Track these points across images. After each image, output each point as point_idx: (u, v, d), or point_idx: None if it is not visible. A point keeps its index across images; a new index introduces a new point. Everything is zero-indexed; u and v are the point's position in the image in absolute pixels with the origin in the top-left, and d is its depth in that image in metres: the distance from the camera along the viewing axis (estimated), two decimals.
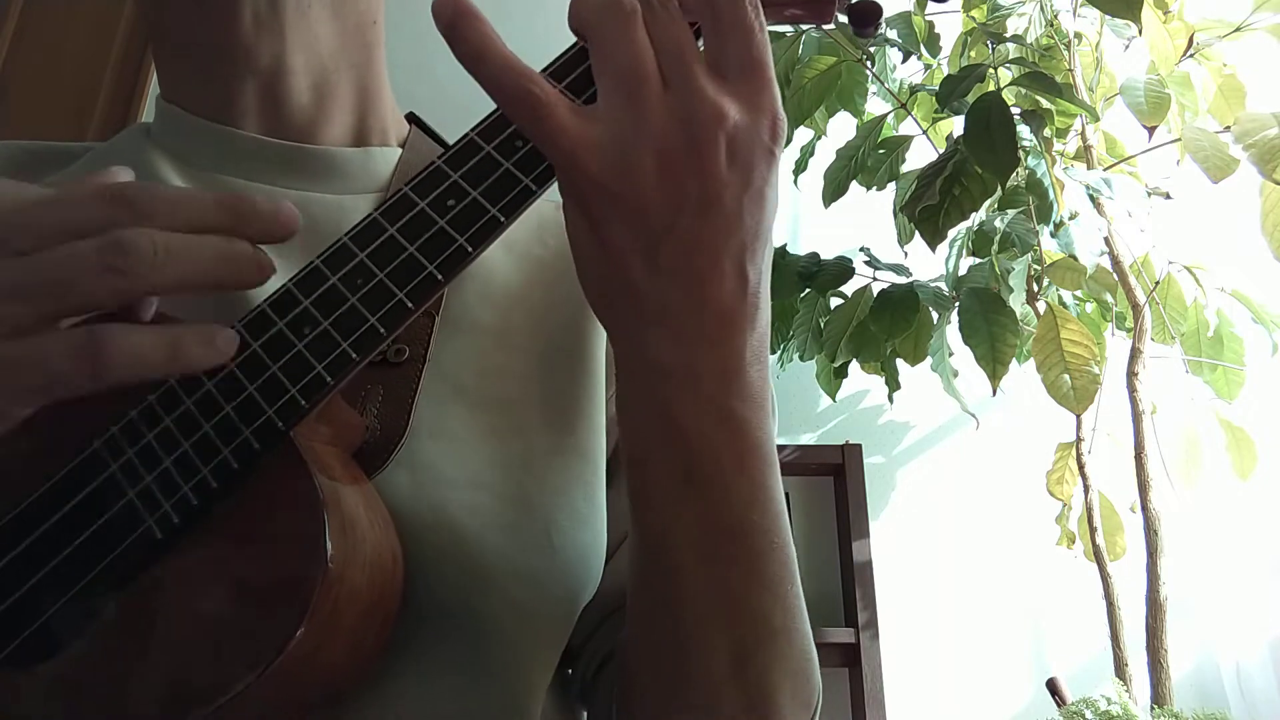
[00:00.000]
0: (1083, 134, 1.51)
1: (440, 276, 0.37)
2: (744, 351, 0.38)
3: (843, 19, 0.45)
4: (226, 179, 0.52)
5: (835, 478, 1.85)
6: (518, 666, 0.44)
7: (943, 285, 1.51)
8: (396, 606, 0.39)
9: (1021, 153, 1.23)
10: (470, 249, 0.37)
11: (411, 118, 0.63)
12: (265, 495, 0.35)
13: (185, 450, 0.36)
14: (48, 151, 0.58)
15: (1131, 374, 1.37)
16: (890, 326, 1.44)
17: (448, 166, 0.39)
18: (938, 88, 1.30)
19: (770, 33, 0.47)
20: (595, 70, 0.37)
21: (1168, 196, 1.43)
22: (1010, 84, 1.32)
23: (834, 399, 1.72)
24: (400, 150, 0.58)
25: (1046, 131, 1.35)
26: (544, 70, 0.41)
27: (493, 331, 0.52)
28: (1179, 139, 1.37)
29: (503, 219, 0.38)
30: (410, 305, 0.37)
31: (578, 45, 0.40)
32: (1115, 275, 1.43)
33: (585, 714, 0.55)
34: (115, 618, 0.34)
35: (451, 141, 0.62)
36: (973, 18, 1.46)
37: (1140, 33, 1.27)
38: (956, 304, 1.42)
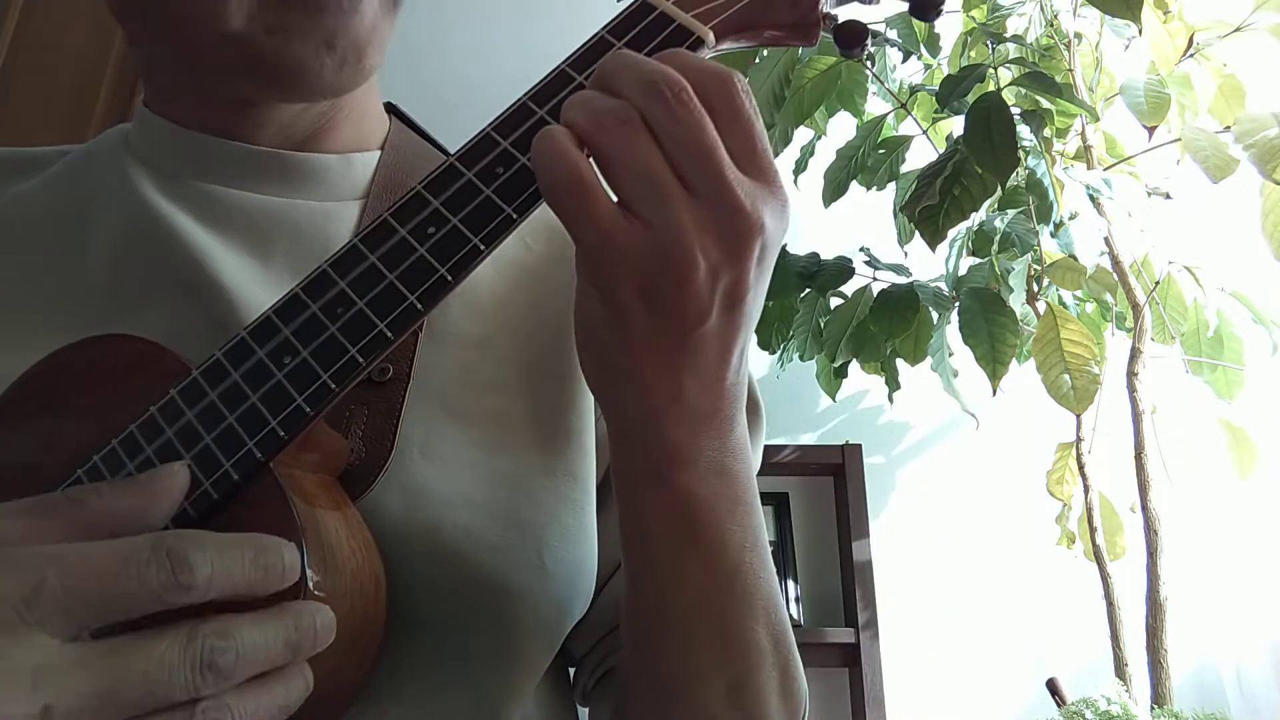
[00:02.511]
0: (1083, 134, 1.51)
1: (420, 307, 0.36)
2: (736, 418, 0.40)
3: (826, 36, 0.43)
4: (207, 186, 0.51)
5: (835, 478, 1.85)
6: (502, 680, 0.45)
7: (943, 285, 1.51)
8: (380, 632, 0.39)
9: (1021, 153, 1.23)
10: (450, 279, 0.37)
11: (390, 108, 0.61)
12: (245, 526, 0.34)
13: None
14: (18, 158, 0.56)
15: (1131, 374, 1.37)
16: (890, 326, 1.44)
17: (428, 192, 0.38)
18: (938, 88, 1.30)
19: None
20: (609, 179, 0.35)
21: (1168, 196, 1.43)
22: (1010, 84, 1.32)
23: (834, 399, 1.72)
24: (379, 153, 0.57)
25: (1046, 131, 1.35)
26: (528, 94, 0.39)
27: (478, 343, 0.50)
28: (1179, 139, 1.37)
29: (483, 248, 0.37)
30: (390, 336, 0.36)
31: (556, 70, 0.39)
32: (1115, 275, 1.43)
33: (587, 713, 0.56)
34: None
35: (430, 134, 0.61)
36: (973, 18, 1.46)
37: (1140, 33, 1.27)
38: (956, 304, 1.42)
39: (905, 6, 0.44)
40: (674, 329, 0.36)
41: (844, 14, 0.43)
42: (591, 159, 0.35)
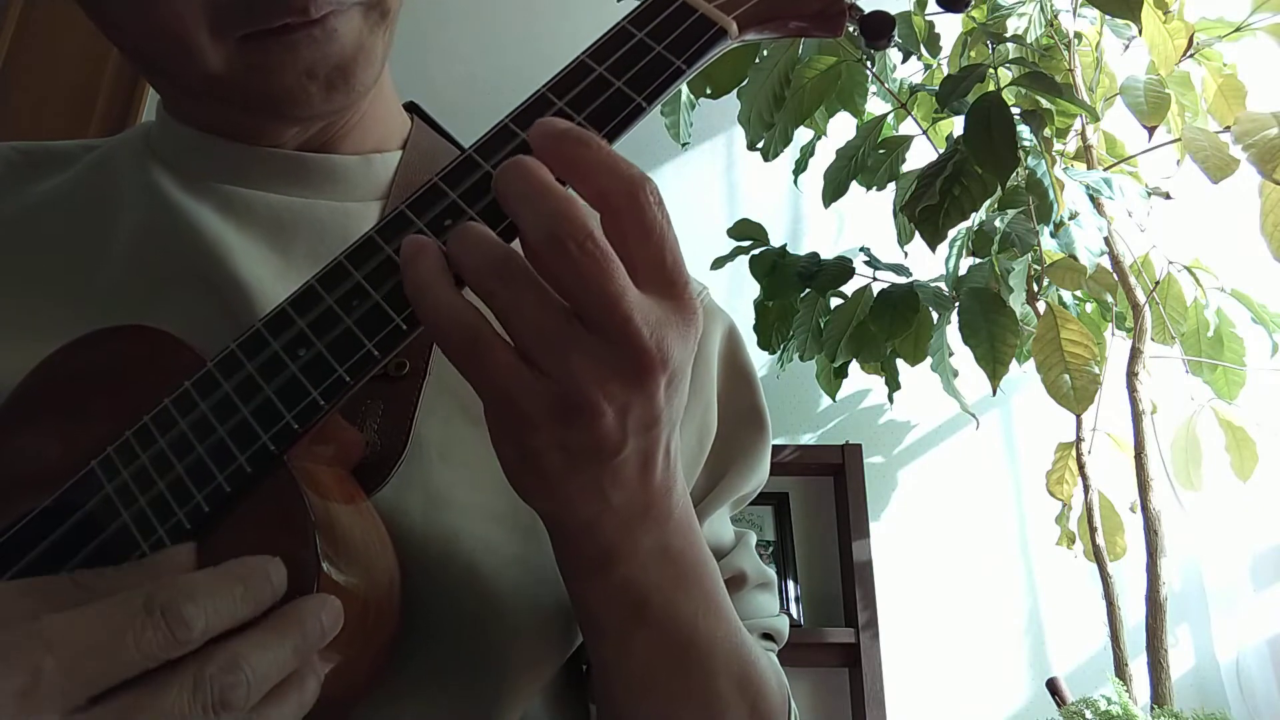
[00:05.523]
0: (1083, 134, 1.51)
1: None
2: (672, 503, 0.40)
3: (851, 29, 0.42)
4: (229, 187, 0.52)
5: (835, 478, 1.85)
6: (509, 684, 0.45)
7: (943, 285, 1.51)
8: (395, 627, 0.39)
9: (1021, 153, 1.23)
10: None
11: (411, 108, 0.61)
12: (258, 518, 0.34)
13: (179, 474, 0.35)
14: (43, 153, 0.57)
15: (1131, 374, 1.37)
16: (890, 326, 1.44)
17: (444, 183, 0.38)
18: (938, 88, 1.30)
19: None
20: (505, 329, 0.34)
21: (1168, 196, 1.43)
22: (1010, 84, 1.32)
23: (834, 399, 1.72)
24: (400, 153, 0.57)
25: (1046, 131, 1.35)
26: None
27: None
28: (1179, 139, 1.37)
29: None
30: (406, 329, 0.36)
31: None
32: (1115, 275, 1.43)
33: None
34: None
35: (451, 132, 0.61)
36: (973, 18, 1.46)
37: (1140, 33, 1.27)
38: (956, 304, 1.42)
39: (908, 5, 0.42)
40: (591, 463, 0.35)
41: (868, 4, 0.42)
42: None
